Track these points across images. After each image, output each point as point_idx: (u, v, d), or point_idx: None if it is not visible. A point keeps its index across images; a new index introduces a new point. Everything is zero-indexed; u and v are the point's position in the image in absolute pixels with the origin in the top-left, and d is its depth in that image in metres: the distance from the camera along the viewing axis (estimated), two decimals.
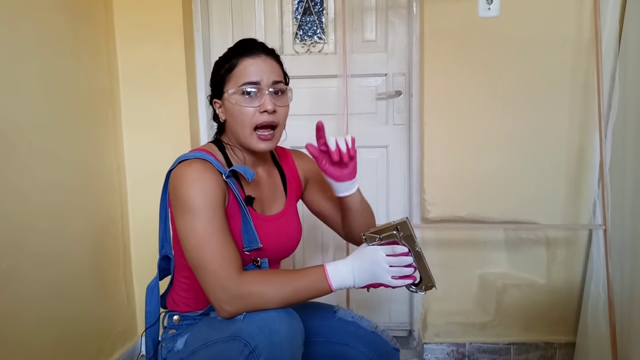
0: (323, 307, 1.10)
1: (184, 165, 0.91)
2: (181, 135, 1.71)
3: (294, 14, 1.86)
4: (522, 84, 1.62)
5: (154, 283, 1.04)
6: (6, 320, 1.16)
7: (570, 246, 1.68)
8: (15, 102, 1.20)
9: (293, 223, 1.08)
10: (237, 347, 0.80)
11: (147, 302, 1.03)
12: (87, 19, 1.52)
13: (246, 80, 0.93)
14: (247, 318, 0.83)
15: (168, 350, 0.98)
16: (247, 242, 0.94)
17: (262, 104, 0.93)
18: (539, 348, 1.71)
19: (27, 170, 1.24)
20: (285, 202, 1.08)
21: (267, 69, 0.95)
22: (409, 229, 0.87)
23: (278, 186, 1.09)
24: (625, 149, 1.49)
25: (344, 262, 0.88)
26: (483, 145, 1.65)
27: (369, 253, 0.87)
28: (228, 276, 0.84)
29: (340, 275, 0.86)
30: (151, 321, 1.02)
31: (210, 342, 0.87)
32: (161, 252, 1.04)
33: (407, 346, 1.87)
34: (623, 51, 1.53)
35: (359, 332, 1.03)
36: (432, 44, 1.64)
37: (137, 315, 1.79)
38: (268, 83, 0.94)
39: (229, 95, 0.95)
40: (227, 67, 0.97)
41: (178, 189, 0.89)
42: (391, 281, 0.86)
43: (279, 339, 0.80)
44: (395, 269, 0.85)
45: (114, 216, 1.66)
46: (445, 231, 1.72)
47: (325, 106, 1.84)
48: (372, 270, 0.86)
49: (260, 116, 0.94)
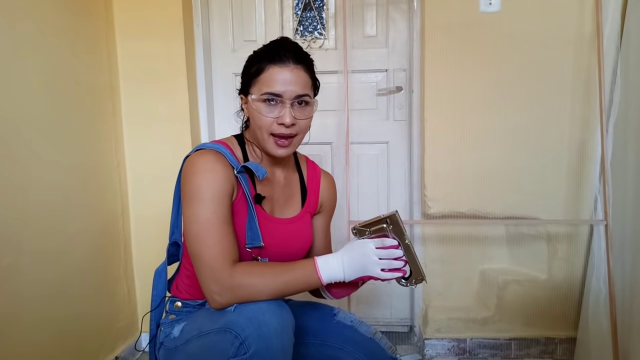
0: (323, 308, 1.09)
1: (198, 154, 0.92)
2: (181, 131, 1.71)
3: (294, 10, 1.85)
4: (523, 80, 1.61)
5: (161, 268, 1.07)
6: (7, 318, 1.16)
7: (572, 241, 1.68)
8: (15, 98, 1.20)
9: (303, 234, 1.07)
10: (228, 339, 0.81)
11: (154, 285, 1.05)
12: (86, 14, 1.51)
13: (269, 90, 0.91)
14: (237, 310, 0.85)
15: (165, 335, 1.00)
16: (249, 239, 0.95)
17: (281, 116, 0.92)
18: (540, 343, 1.71)
19: (27, 167, 1.23)
20: (300, 211, 1.08)
21: (294, 80, 0.92)
22: (399, 222, 0.88)
23: (295, 193, 1.08)
24: (627, 144, 1.49)
25: (333, 256, 0.89)
26: (484, 141, 1.65)
27: (359, 246, 0.88)
28: (221, 267, 0.85)
29: (330, 268, 0.87)
30: (156, 304, 1.04)
31: (203, 333, 0.89)
32: (171, 238, 1.05)
33: (408, 342, 1.87)
34: (625, 46, 1.52)
35: (356, 337, 1.02)
36: (433, 40, 1.63)
37: (138, 312, 1.79)
38: (291, 96, 0.92)
39: (252, 100, 0.95)
40: (255, 69, 0.95)
41: (187, 176, 0.90)
42: (381, 274, 0.86)
43: (269, 330, 0.80)
44: (384, 261, 0.86)
45: (114, 213, 1.66)
46: (446, 227, 1.72)
47: (326, 102, 1.82)
48: (362, 262, 0.87)
49: (277, 127, 0.93)
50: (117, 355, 1.62)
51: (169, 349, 0.98)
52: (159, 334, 1.03)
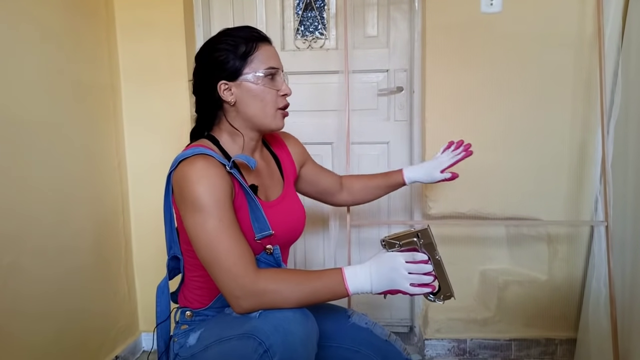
0: (337, 310, 1.08)
1: (187, 163, 0.88)
2: (182, 131, 1.70)
3: (295, 10, 1.85)
4: (524, 80, 1.61)
5: (163, 283, 1.04)
6: (7, 316, 1.16)
7: (572, 242, 1.68)
8: (16, 98, 1.20)
9: (295, 205, 1.09)
10: (251, 345, 0.80)
11: (157, 302, 1.03)
12: (87, 14, 1.52)
13: (271, 65, 0.97)
14: (262, 316, 0.83)
15: (180, 346, 0.97)
16: (258, 230, 0.93)
17: (282, 88, 1.00)
18: (540, 344, 1.71)
19: (28, 166, 1.24)
20: (283, 185, 1.09)
21: (277, 56, 1.01)
22: (430, 236, 0.86)
23: (275, 171, 1.10)
24: (628, 145, 1.49)
25: (362, 267, 0.87)
26: (484, 142, 1.64)
27: (388, 259, 0.85)
28: (244, 273, 0.84)
29: (358, 280, 0.85)
30: (161, 320, 1.02)
31: (224, 339, 0.87)
32: (169, 253, 1.03)
33: (408, 342, 1.87)
34: (626, 47, 1.52)
35: (372, 339, 1.01)
36: (434, 40, 1.63)
37: (138, 311, 1.79)
38: (282, 70, 1.01)
39: (254, 77, 0.95)
40: (243, 50, 0.94)
41: (185, 188, 0.87)
42: (409, 288, 0.84)
43: (294, 339, 0.79)
44: (414, 276, 0.84)
45: (115, 212, 1.66)
46: (446, 227, 1.72)
47: (327, 102, 1.83)
48: (391, 276, 0.84)
49: (282, 99, 1.00)
50: (117, 355, 1.63)
51: (185, 357, 0.95)
52: (172, 346, 1.00)
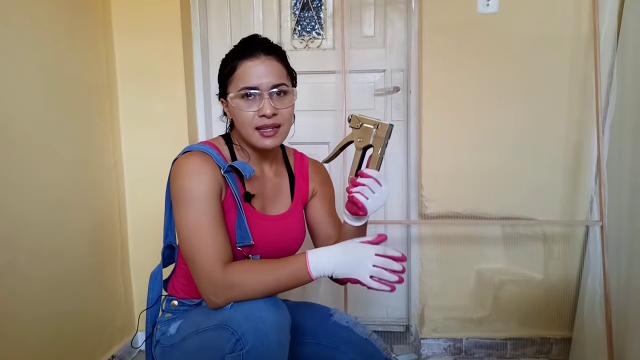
0: (319, 309, 1.09)
1: (185, 156, 0.93)
2: (179, 130, 1.70)
3: (292, 9, 1.85)
4: (520, 80, 1.62)
5: (157, 270, 1.08)
6: (3, 317, 1.15)
7: (567, 242, 1.68)
8: (11, 96, 1.19)
9: (296, 228, 1.08)
10: (224, 335, 0.82)
11: (149, 288, 1.06)
12: (84, 12, 1.51)
13: (245, 84, 0.93)
14: (234, 307, 0.86)
15: (162, 333, 1.01)
16: (239, 238, 0.95)
17: (260, 108, 0.93)
18: (535, 343, 1.72)
19: (24, 166, 1.23)
20: (290, 205, 1.08)
21: (268, 71, 0.93)
22: (386, 133, 0.94)
23: (284, 187, 1.09)
24: (623, 145, 1.50)
25: (328, 250, 0.88)
26: (481, 142, 1.65)
27: (358, 249, 0.86)
28: (213, 269, 0.87)
29: (321, 264, 0.86)
30: (152, 304, 1.06)
31: (200, 330, 0.90)
32: (165, 241, 1.06)
33: (404, 341, 1.87)
34: (621, 48, 1.53)
35: (352, 337, 1.02)
36: (430, 40, 1.63)
37: (134, 311, 1.79)
38: (267, 87, 0.93)
39: (230, 99, 0.96)
40: (228, 68, 0.97)
41: (175, 180, 0.92)
42: (368, 281, 0.84)
43: (265, 326, 0.81)
44: (376, 269, 0.84)
45: (111, 212, 1.65)
46: (442, 227, 1.72)
47: (324, 102, 1.83)
48: (354, 264, 0.85)
49: (259, 120, 0.94)
50: (113, 354, 1.62)
51: (165, 346, 0.99)
52: (155, 332, 1.04)
